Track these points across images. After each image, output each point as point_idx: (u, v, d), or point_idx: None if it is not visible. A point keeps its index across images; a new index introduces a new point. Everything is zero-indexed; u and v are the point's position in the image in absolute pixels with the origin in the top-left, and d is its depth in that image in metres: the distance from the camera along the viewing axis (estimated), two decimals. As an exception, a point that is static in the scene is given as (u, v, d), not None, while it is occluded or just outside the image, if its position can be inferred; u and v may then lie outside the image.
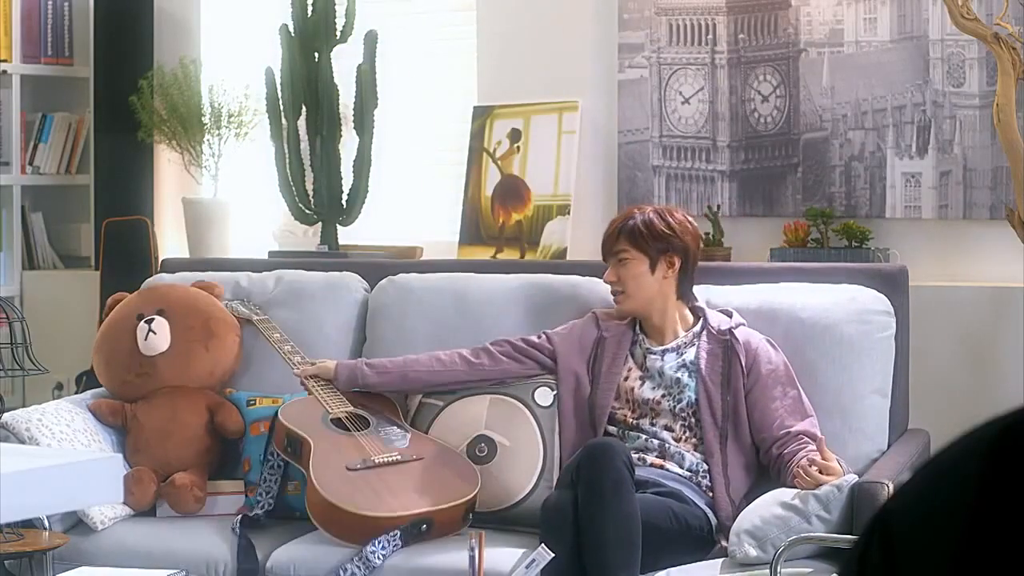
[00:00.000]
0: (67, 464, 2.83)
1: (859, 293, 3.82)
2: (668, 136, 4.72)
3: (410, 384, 3.80)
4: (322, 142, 4.72)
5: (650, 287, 3.67)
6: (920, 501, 0.77)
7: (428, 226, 4.99)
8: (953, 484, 0.75)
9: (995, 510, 0.71)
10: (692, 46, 4.69)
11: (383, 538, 3.41)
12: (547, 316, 3.96)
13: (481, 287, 4.06)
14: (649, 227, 3.65)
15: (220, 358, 3.99)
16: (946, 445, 0.78)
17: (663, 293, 3.68)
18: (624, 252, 3.67)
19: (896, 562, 0.75)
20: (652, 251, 3.65)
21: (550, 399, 3.78)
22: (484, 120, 4.84)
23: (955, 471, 0.76)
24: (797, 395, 3.58)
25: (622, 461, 3.27)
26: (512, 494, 3.69)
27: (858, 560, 0.78)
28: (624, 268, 3.67)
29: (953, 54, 4.42)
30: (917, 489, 0.78)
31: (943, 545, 0.73)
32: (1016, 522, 0.71)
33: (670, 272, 3.67)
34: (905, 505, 0.77)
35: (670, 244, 3.67)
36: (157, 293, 4.08)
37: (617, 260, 3.69)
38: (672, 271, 3.67)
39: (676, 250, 3.68)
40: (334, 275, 4.20)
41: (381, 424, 3.74)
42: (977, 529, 0.72)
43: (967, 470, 0.75)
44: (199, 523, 3.73)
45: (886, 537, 0.76)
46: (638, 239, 3.66)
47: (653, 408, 3.63)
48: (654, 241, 3.65)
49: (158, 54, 5.25)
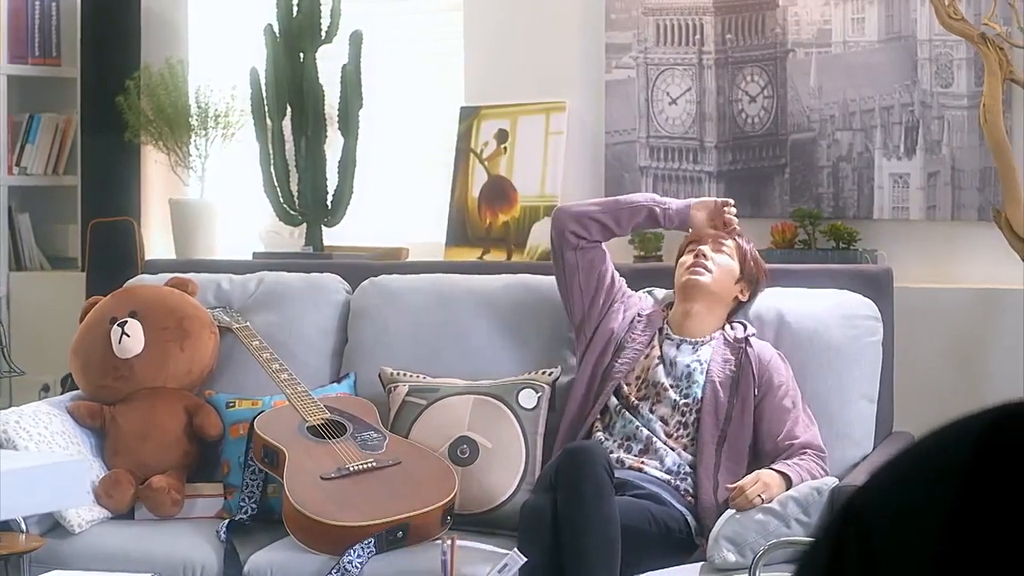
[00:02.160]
0: (33, 468, 2.82)
1: (846, 298, 3.80)
2: (655, 137, 4.69)
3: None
4: (307, 143, 4.69)
5: (726, 288, 3.73)
6: (899, 494, 0.74)
7: (415, 227, 4.97)
8: (937, 477, 0.73)
9: (983, 505, 0.69)
10: (679, 46, 4.66)
11: (359, 546, 3.39)
12: (529, 317, 3.94)
13: (463, 288, 4.04)
14: (755, 258, 3.80)
15: (197, 357, 3.96)
16: (925, 436, 0.75)
17: (724, 302, 3.74)
18: (727, 247, 3.74)
19: (876, 558, 0.73)
20: (747, 270, 3.75)
21: (534, 401, 3.76)
22: (471, 121, 4.82)
23: (938, 463, 0.73)
24: (803, 408, 3.59)
25: (602, 465, 3.25)
26: (494, 497, 3.66)
27: (831, 554, 0.75)
28: (720, 255, 3.72)
29: (941, 54, 4.39)
30: (895, 481, 0.75)
31: (925, 542, 0.70)
32: (1005, 519, 0.68)
33: (740, 296, 3.76)
34: (882, 498, 0.75)
35: (757, 279, 3.79)
36: (130, 295, 4.05)
37: (719, 245, 3.73)
38: (742, 295, 3.77)
39: (755, 285, 3.79)
40: (315, 277, 4.18)
41: (358, 430, 3.71)
42: (962, 525, 0.69)
43: (952, 463, 0.72)
44: (178, 526, 3.70)
45: (862, 531, 0.74)
46: (745, 255, 3.76)
47: (659, 393, 3.61)
48: (753, 266, 3.77)
49: (145, 54, 5.23)
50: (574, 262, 3.77)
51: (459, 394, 3.79)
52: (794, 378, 3.65)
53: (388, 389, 3.86)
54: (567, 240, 3.77)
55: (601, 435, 3.63)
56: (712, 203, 3.80)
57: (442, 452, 3.69)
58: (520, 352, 3.93)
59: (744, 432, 3.58)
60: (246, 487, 3.72)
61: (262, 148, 4.73)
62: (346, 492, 3.51)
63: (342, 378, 3.99)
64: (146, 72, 5.06)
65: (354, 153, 4.68)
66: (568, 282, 3.79)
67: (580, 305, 3.78)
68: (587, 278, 3.77)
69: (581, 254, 3.77)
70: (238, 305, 4.17)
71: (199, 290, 4.11)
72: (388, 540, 3.44)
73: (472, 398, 3.77)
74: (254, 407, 3.83)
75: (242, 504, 3.70)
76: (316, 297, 4.13)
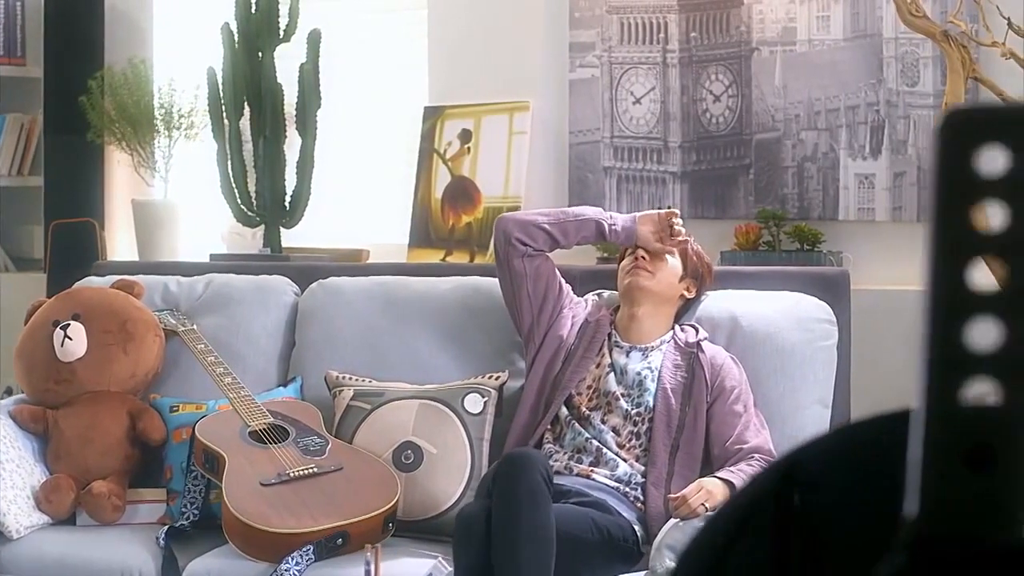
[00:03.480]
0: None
1: (801, 300, 3.73)
2: (619, 137, 4.62)
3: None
4: (265, 143, 4.63)
5: (670, 286, 3.69)
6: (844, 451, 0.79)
7: (378, 229, 4.91)
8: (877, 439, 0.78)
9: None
10: (643, 45, 4.59)
11: (297, 553, 3.33)
12: (478, 321, 3.88)
13: (412, 290, 3.98)
14: (698, 253, 3.75)
15: (140, 360, 3.91)
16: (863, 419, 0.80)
17: (670, 302, 3.69)
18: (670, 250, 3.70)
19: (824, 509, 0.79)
20: (690, 266, 3.71)
21: (480, 406, 3.70)
22: (435, 121, 4.76)
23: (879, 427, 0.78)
24: (755, 412, 3.52)
25: (539, 473, 3.18)
26: (438, 503, 3.60)
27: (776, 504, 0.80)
28: (661, 258, 3.67)
29: (907, 53, 4.32)
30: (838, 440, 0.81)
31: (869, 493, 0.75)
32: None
33: (685, 293, 3.72)
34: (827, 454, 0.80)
35: (701, 274, 3.74)
36: (73, 298, 4.00)
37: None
38: (688, 292, 3.72)
39: (701, 281, 3.75)
40: (263, 279, 4.13)
41: (301, 435, 3.65)
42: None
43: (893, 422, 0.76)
44: (118, 532, 3.65)
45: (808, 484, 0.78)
46: (687, 251, 3.71)
47: (610, 403, 3.56)
48: (696, 261, 3.72)
49: (109, 54, 5.18)
50: (522, 270, 3.71)
51: (404, 398, 3.73)
52: (747, 382, 3.58)
53: (333, 393, 3.80)
54: (514, 247, 3.70)
55: (551, 446, 3.57)
56: (657, 216, 3.72)
57: (386, 458, 3.63)
58: (468, 356, 3.87)
59: (697, 439, 3.51)
60: (188, 493, 3.66)
61: (220, 148, 4.67)
62: (285, 498, 3.45)
63: (288, 382, 3.94)
64: (109, 72, 5.01)
65: (312, 153, 4.62)
66: (516, 290, 3.73)
67: (529, 312, 3.72)
68: (535, 285, 3.71)
69: (528, 261, 3.71)
70: (186, 307, 4.11)
71: (145, 292, 4.05)
72: (327, 547, 3.37)
73: (417, 403, 3.71)
74: (198, 411, 3.78)
75: (184, 510, 3.65)
76: (264, 299, 4.08)
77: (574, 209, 3.82)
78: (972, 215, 0.68)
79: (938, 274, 0.68)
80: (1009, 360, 0.66)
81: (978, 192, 0.67)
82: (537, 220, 3.73)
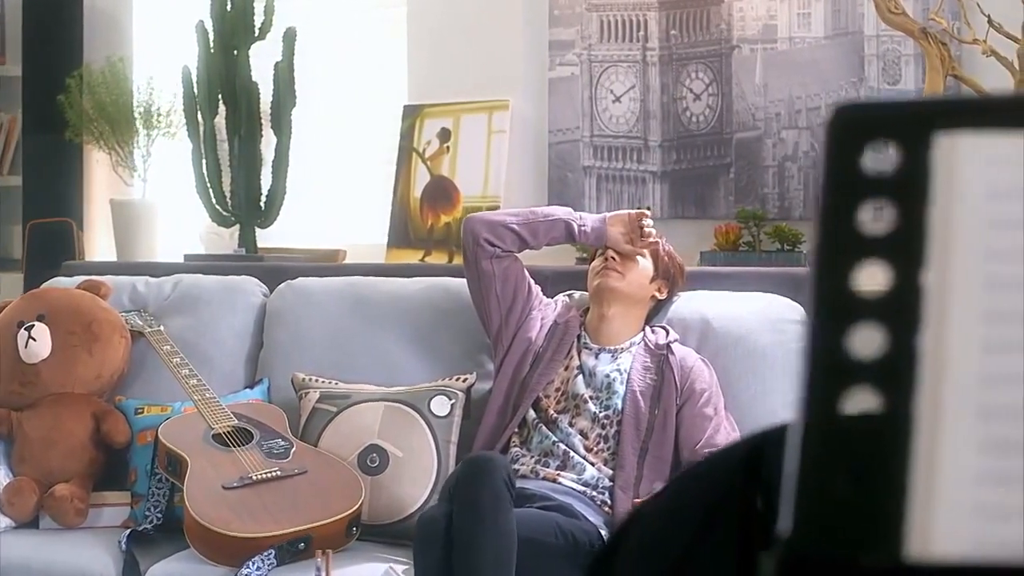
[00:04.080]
0: None
1: (774, 301, 3.68)
2: (599, 136, 4.57)
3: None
4: (240, 142, 4.58)
5: (641, 287, 3.63)
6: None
7: (357, 229, 4.86)
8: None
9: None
10: (623, 43, 4.54)
11: (258, 558, 3.28)
12: (447, 322, 3.83)
13: (380, 291, 3.93)
14: (669, 254, 3.70)
15: (106, 361, 3.86)
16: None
17: (641, 303, 3.64)
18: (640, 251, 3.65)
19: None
20: (661, 267, 3.66)
21: (447, 408, 3.65)
22: (414, 119, 4.71)
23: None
24: (725, 416, 3.47)
25: (501, 477, 3.13)
26: (404, 507, 3.55)
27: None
28: (631, 259, 3.62)
29: (889, 51, 4.26)
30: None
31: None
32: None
33: (657, 294, 3.67)
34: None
35: (673, 275, 3.70)
36: (39, 298, 3.96)
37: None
38: (659, 293, 3.67)
39: (673, 282, 3.69)
40: (232, 280, 4.08)
41: (265, 437, 3.61)
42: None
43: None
44: (81, 536, 3.60)
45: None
46: (658, 251, 3.66)
47: (578, 405, 3.51)
48: (667, 262, 3.67)
49: (88, 52, 5.13)
50: (490, 271, 3.66)
51: (370, 401, 3.68)
52: (718, 384, 3.53)
53: (300, 395, 3.76)
54: (482, 248, 3.65)
55: (518, 450, 3.52)
56: (627, 216, 3.66)
57: (351, 461, 3.58)
58: (436, 358, 3.82)
59: (667, 443, 3.46)
60: (152, 496, 3.62)
61: (195, 148, 4.63)
62: (247, 502, 3.40)
63: (255, 384, 3.89)
64: (88, 70, 4.96)
65: (287, 152, 4.57)
66: (484, 291, 3.68)
67: (497, 314, 3.67)
68: (504, 287, 3.66)
69: (497, 263, 3.66)
70: (154, 308, 4.07)
71: (112, 293, 4.01)
72: (290, 551, 3.32)
73: (383, 405, 3.66)
74: (163, 413, 3.74)
75: (147, 514, 3.60)
76: (232, 300, 4.03)
77: (543, 209, 3.77)
78: (859, 215, 0.65)
79: (822, 277, 0.65)
80: (891, 369, 0.62)
81: (866, 191, 0.65)
82: (506, 220, 3.68)
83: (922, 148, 0.65)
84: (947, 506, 0.61)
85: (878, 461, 0.62)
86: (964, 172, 0.64)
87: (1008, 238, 0.64)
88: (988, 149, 0.65)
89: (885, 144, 0.66)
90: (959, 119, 0.66)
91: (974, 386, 0.61)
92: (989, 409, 0.61)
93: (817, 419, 0.64)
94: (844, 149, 0.66)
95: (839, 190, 0.66)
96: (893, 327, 0.63)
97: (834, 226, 0.65)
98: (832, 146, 0.67)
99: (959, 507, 0.61)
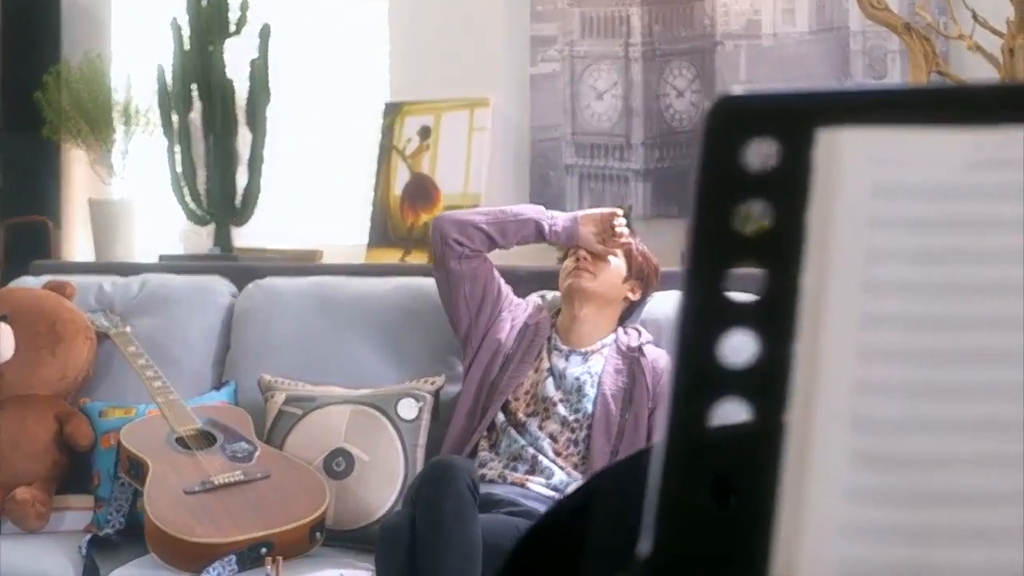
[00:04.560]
0: None
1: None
2: (581, 133, 4.49)
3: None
4: (216, 139, 4.51)
5: (613, 288, 3.56)
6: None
7: (337, 228, 4.79)
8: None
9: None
10: (605, 39, 4.46)
11: (219, 564, 3.21)
12: (416, 323, 3.77)
13: (349, 291, 3.87)
14: (644, 253, 3.61)
15: (70, 362, 3.80)
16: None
17: (614, 304, 3.57)
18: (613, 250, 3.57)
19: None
20: (634, 267, 3.57)
21: (415, 411, 3.58)
22: (395, 117, 4.64)
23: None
24: None
25: (464, 483, 3.06)
26: (370, 512, 3.48)
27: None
28: (604, 259, 3.55)
29: (874, 46, 4.18)
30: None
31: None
32: None
33: (630, 295, 3.59)
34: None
35: (647, 276, 3.61)
36: (3, 298, 3.90)
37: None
38: (633, 294, 3.59)
39: (646, 283, 3.61)
40: (200, 279, 4.02)
41: (229, 441, 3.54)
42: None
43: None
44: (43, 540, 3.55)
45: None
46: (631, 251, 3.58)
47: (548, 408, 3.43)
48: (641, 262, 3.59)
49: (67, 48, 5.07)
50: (459, 271, 3.58)
51: (337, 403, 3.61)
52: None
53: (266, 397, 3.69)
54: (451, 248, 3.58)
55: (487, 454, 3.46)
56: (599, 216, 3.58)
57: (316, 465, 3.52)
58: (405, 359, 3.76)
59: (638, 446, 3.38)
60: (115, 500, 3.55)
61: (169, 145, 4.56)
62: (208, 507, 3.34)
63: (222, 385, 3.83)
64: (66, 67, 4.90)
65: (262, 150, 4.50)
66: (453, 292, 3.60)
67: (466, 315, 3.59)
68: (472, 287, 3.59)
69: (466, 263, 3.58)
70: (120, 309, 4.00)
71: (76, 293, 3.94)
72: (251, 557, 3.26)
73: (350, 408, 3.59)
74: (128, 416, 3.67)
75: (109, 518, 3.54)
76: (201, 300, 3.97)
77: (514, 208, 3.70)
78: (735, 215, 0.61)
79: (694, 281, 0.61)
80: (763, 378, 0.59)
81: (743, 190, 0.61)
82: (475, 220, 3.61)
83: (803, 144, 0.61)
84: (815, 524, 0.57)
85: (745, 476, 0.59)
86: (846, 169, 0.61)
87: (889, 238, 0.60)
88: (873, 145, 0.61)
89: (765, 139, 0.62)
90: (843, 113, 0.62)
91: (848, 396, 0.57)
92: (863, 420, 0.57)
93: (683, 431, 0.60)
94: (722, 144, 0.62)
95: (715, 188, 0.62)
96: (766, 334, 0.60)
97: (708, 227, 0.61)
98: (709, 141, 0.62)
99: (827, 525, 0.57)
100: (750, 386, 0.59)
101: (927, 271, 0.59)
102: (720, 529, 0.58)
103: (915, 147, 0.61)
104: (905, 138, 0.61)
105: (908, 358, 0.58)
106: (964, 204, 0.61)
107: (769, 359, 0.59)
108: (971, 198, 0.60)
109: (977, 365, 0.57)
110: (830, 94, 0.64)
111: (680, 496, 0.59)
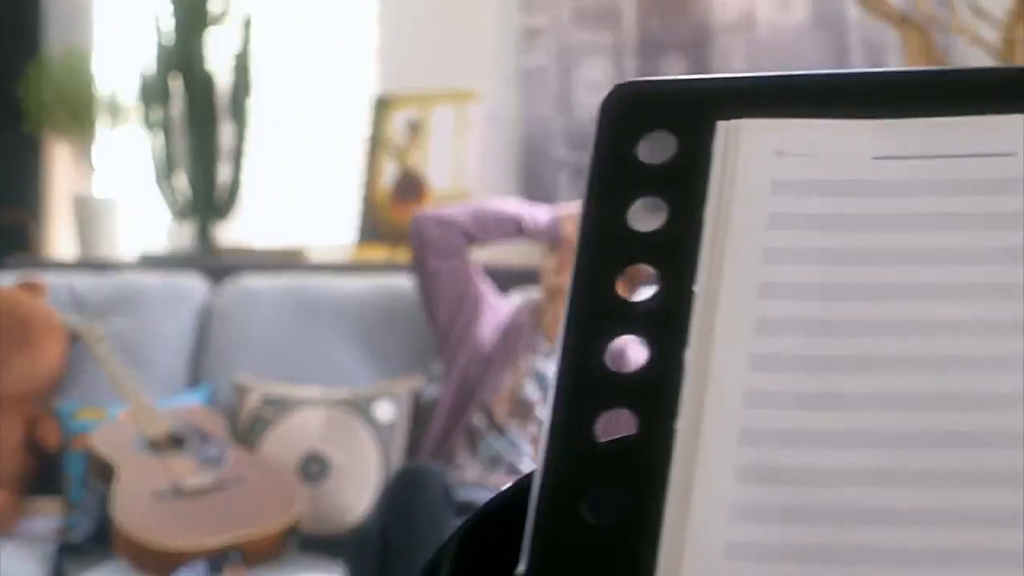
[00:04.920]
0: None
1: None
2: (573, 127, 4.38)
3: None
4: (197, 133, 4.41)
5: None
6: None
7: (325, 224, 4.69)
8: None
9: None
10: (598, 30, 4.35)
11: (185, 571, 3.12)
12: (396, 322, 3.67)
13: (326, 290, 3.78)
14: None
15: (40, 363, 3.70)
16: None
17: None
18: None
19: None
20: None
21: (392, 413, 3.47)
22: (383, 111, 4.53)
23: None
24: None
25: (436, 488, 2.97)
26: (346, 516, 3.38)
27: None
28: None
29: (872, 38, 4.08)
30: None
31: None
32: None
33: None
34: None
35: (634, 272, 3.42)
36: (-30, 298, 3.80)
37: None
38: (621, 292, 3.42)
39: (631, 282, 3.42)
40: (175, 278, 3.93)
41: (201, 444, 3.44)
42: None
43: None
44: (11, 545, 3.45)
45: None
46: None
47: (529, 410, 3.34)
48: None
49: (48, 40, 4.97)
50: (438, 269, 3.48)
51: (313, 404, 3.51)
52: None
53: (241, 398, 3.59)
54: (430, 246, 3.47)
55: (465, 457, 3.36)
56: None
57: (292, 468, 3.42)
58: (383, 360, 3.66)
59: None
60: (85, 504, 3.46)
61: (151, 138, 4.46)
62: (178, 512, 3.24)
63: (196, 386, 3.72)
64: (48, 59, 4.80)
65: (243, 144, 4.39)
66: (432, 290, 3.50)
67: (445, 314, 3.48)
68: (451, 286, 3.48)
69: (445, 261, 3.48)
70: (94, 307, 3.90)
71: (48, 292, 3.84)
72: (220, 564, 3.17)
73: (326, 410, 3.49)
74: (99, 417, 3.57)
75: (79, 522, 3.45)
76: (176, 300, 3.87)
77: (494, 205, 3.59)
78: (628, 213, 0.59)
79: (582, 283, 0.59)
80: (650, 387, 0.56)
81: (637, 185, 0.58)
82: (454, 217, 3.51)
83: (701, 136, 0.58)
84: (700, 541, 0.53)
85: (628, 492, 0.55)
86: (746, 163, 0.58)
87: (787, 238, 0.56)
88: (774, 137, 0.58)
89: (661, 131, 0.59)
90: (744, 103, 0.59)
91: (738, 406, 0.54)
92: (752, 432, 0.53)
93: (563, 442, 0.56)
94: (616, 136, 0.59)
95: (606, 183, 0.59)
96: (655, 340, 0.57)
97: (598, 224, 0.58)
98: (603, 132, 0.59)
99: (713, 543, 0.53)
100: (636, 396, 0.56)
101: (827, 272, 0.55)
102: (599, 547, 0.54)
103: (819, 139, 0.57)
104: (810, 130, 0.58)
105: (804, 365, 0.54)
106: (870, 201, 0.57)
107: (657, 367, 0.56)
108: (878, 194, 0.56)
109: (880, 373, 0.53)
110: (731, 82, 0.61)
111: (557, 512, 0.55)
